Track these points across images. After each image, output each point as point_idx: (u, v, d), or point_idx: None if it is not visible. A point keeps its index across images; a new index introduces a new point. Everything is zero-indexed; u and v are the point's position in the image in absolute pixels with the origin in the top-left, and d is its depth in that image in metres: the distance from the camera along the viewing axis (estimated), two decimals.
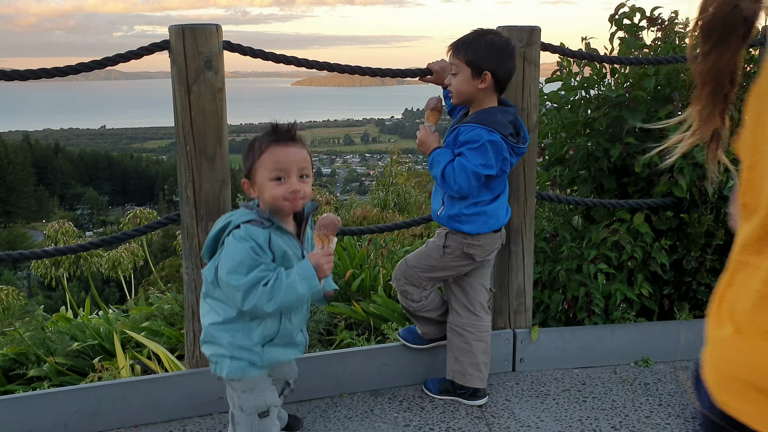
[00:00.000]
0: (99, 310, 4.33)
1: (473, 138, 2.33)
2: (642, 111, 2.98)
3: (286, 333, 1.94)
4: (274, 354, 1.96)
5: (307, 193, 1.86)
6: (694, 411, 2.55)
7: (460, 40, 2.37)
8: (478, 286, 2.57)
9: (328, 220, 1.83)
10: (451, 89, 2.40)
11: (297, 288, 1.77)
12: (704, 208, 2.99)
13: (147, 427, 2.44)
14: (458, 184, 2.32)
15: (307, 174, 1.87)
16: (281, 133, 1.87)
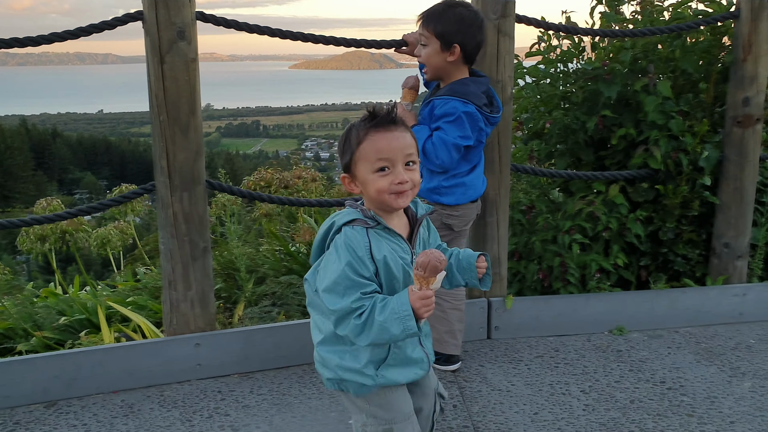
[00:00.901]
0: (87, 286, 4.37)
1: (449, 111, 2.34)
2: (618, 84, 3.00)
3: (399, 353, 1.70)
4: (390, 376, 1.69)
5: (416, 182, 1.64)
6: (663, 376, 2.60)
7: (429, 11, 2.37)
8: None
9: (427, 261, 1.49)
10: (421, 61, 2.41)
11: (390, 329, 1.54)
12: (679, 180, 3.02)
13: (125, 392, 2.49)
14: (440, 158, 2.34)
15: (413, 161, 1.64)
16: (381, 117, 1.63)
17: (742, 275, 3.12)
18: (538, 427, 2.26)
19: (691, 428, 2.25)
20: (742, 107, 2.97)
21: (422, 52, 2.39)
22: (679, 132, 2.93)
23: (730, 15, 2.96)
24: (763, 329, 3.02)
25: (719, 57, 3.08)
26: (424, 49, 2.38)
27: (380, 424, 1.73)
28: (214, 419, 2.31)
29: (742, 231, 3.07)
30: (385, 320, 1.53)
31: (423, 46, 2.39)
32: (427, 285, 1.50)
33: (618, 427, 2.25)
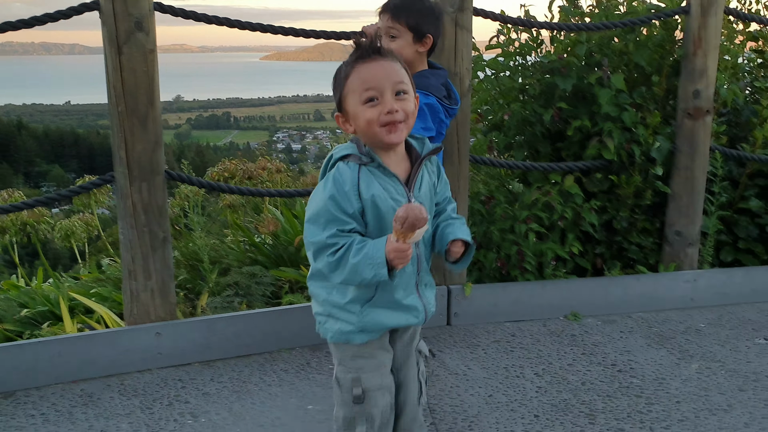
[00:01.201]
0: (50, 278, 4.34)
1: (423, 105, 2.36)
2: (573, 76, 3.08)
3: (386, 293, 1.67)
4: (376, 317, 1.68)
5: (408, 112, 1.59)
6: (615, 359, 2.68)
7: (396, 3, 2.36)
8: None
9: (405, 216, 1.47)
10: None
11: (362, 272, 1.55)
12: (632, 170, 3.11)
13: (85, 382, 2.50)
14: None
15: (404, 90, 1.59)
16: (365, 48, 1.60)
17: (693, 262, 3.22)
18: (492, 409, 2.32)
19: (639, 408, 2.34)
20: (692, 100, 3.06)
21: (392, 45, 2.36)
22: (631, 124, 3.02)
23: (681, 10, 3.05)
24: (713, 314, 3.13)
25: (671, 51, 3.17)
26: (394, 41, 2.36)
27: (348, 372, 1.74)
28: (174, 407, 2.34)
29: (693, 219, 3.17)
30: (358, 263, 1.54)
31: (392, 38, 2.36)
32: (403, 239, 1.49)
33: (569, 408, 2.33)
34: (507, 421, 2.26)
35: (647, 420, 2.26)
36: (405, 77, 1.61)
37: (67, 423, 2.24)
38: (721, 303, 3.20)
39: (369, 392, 1.73)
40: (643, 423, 2.25)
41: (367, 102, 1.57)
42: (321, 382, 2.50)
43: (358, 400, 1.72)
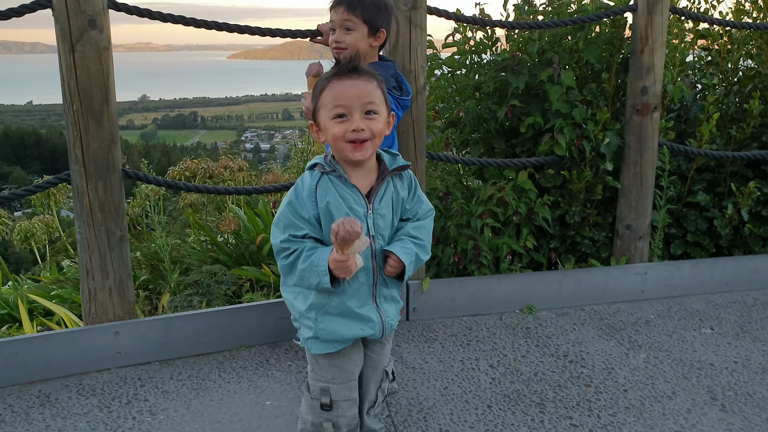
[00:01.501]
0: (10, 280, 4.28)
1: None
2: (525, 74, 3.15)
3: (339, 303, 1.71)
4: (330, 325, 1.72)
5: (375, 132, 1.65)
6: (566, 350, 2.76)
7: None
8: None
9: (336, 230, 1.52)
10: (345, 45, 2.39)
11: (308, 278, 1.63)
12: (583, 165, 3.19)
13: (42, 382, 2.49)
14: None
15: (374, 110, 1.65)
16: (341, 66, 1.67)
17: (643, 255, 3.32)
18: (447, 401, 2.38)
19: (588, 397, 2.41)
20: (640, 96, 3.16)
21: (346, 38, 2.39)
22: (582, 120, 3.10)
23: (629, 8, 3.14)
24: (662, 305, 3.23)
25: (620, 48, 3.26)
26: (349, 34, 2.38)
27: (319, 380, 1.81)
28: (132, 404, 2.35)
29: (643, 213, 3.27)
30: (305, 270, 1.62)
31: (348, 31, 2.38)
32: (340, 250, 1.55)
33: (521, 399, 2.40)
34: (461, 412, 2.32)
35: (595, 408, 2.34)
36: (377, 97, 1.67)
37: (24, 423, 2.24)
38: (670, 295, 3.31)
39: (336, 402, 1.80)
40: (591, 411, 2.32)
41: (335, 117, 1.65)
42: (279, 379, 2.53)
43: (326, 408, 1.80)
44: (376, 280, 1.74)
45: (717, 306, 3.21)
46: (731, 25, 3.45)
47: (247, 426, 2.22)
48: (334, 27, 2.40)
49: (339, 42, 2.38)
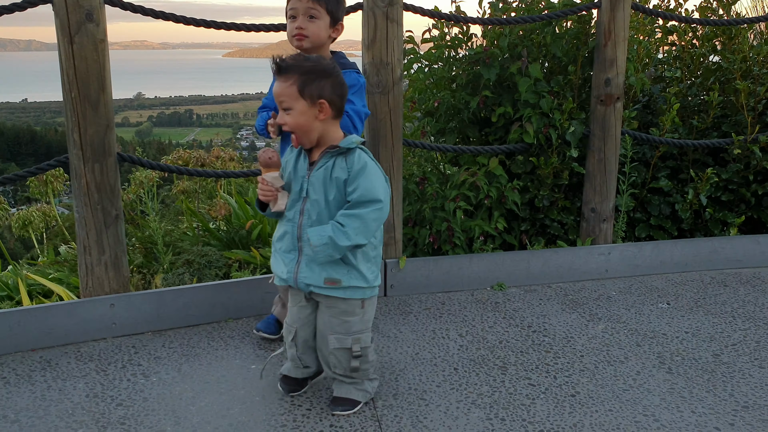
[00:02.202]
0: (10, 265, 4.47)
1: (352, 82, 2.43)
2: (496, 67, 3.36)
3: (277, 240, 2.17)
4: (273, 258, 2.21)
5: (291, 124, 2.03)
6: (531, 322, 2.98)
7: None
8: None
9: (259, 154, 2.09)
10: (308, 33, 2.46)
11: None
12: (550, 152, 3.41)
13: (43, 350, 2.69)
14: (358, 130, 2.46)
15: (284, 107, 2.03)
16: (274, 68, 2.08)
17: (607, 237, 3.54)
18: (417, 364, 2.59)
19: (547, 362, 2.63)
20: (604, 87, 3.37)
21: (310, 26, 2.43)
22: (548, 110, 3.31)
23: (593, 5, 3.36)
24: (624, 283, 3.45)
25: (585, 43, 3.48)
26: (313, 22, 2.43)
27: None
28: (127, 368, 2.55)
29: (606, 197, 3.49)
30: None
31: (312, 18, 2.43)
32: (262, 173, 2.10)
33: (485, 362, 2.61)
34: (429, 373, 2.53)
35: (552, 370, 2.56)
36: (288, 95, 2.02)
37: (27, 384, 2.44)
38: (632, 274, 3.53)
39: (286, 324, 2.27)
40: (549, 373, 2.54)
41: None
42: (264, 346, 2.73)
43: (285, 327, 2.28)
44: (301, 238, 2.10)
45: (675, 284, 3.43)
46: (690, 21, 3.67)
47: (232, 385, 2.42)
48: (294, 15, 2.44)
49: (302, 29, 2.43)
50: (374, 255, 2.16)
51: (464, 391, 2.40)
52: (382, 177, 2.07)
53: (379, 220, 2.05)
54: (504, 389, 2.42)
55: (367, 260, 2.14)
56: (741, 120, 3.71)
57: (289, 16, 2.49)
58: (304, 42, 2.47)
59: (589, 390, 2.42)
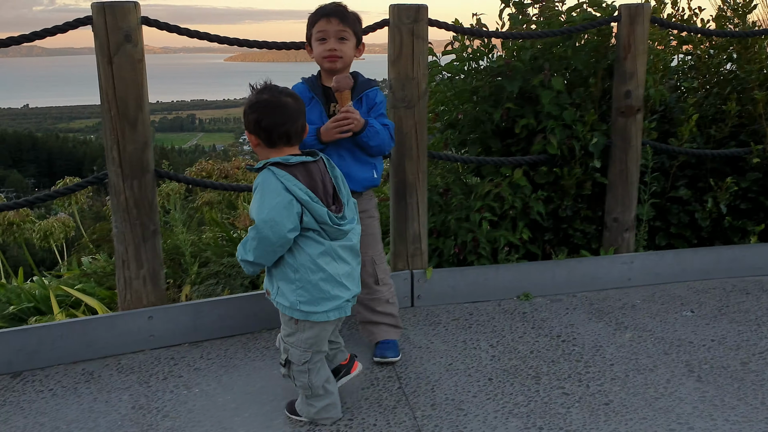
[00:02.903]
0: (32, 276, 4.54)
1: (381, 98, 2.66)
2: (519, 79, 3.42)
3: None
4: None
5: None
6: (559, 331, 3.03)
7: (342, 10, 2.56)
8: None
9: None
10: (341, 54, 2.54)
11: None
12: (573, 163, 3.47)
13: (84, 362, 2.76)
14: (394, 140, 2.67)
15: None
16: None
17: (629, 246, 3.60)
18: (451, 375, 2.65)
19: (579, 370, 2.69)
20: (624, 99, 3.43)
21: (342, 47, 2.54)
22: (571, 121, 3.37)
23: (612, 19, 3.42)
24: (647, 291, 3.50)
25: (605, 55, 3.54)
26: (344, 43, 2.54)
27: None
28: (168, 380, 2.61)
29: (628, 207, 3.55)
30: None
31: (342, 40, 2.54)
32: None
33: (518, 372, 2.67)
34: (465, 384, 2.59)
35: (584, 379, 2.61)
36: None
37: (73, 396, 2.50)
38: (654, 282, 3.58)
39: None
40: (581, 382, 2.60)
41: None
42: None
43: None
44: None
45: (698, 292, 3.49)
46: (708, 32, 3.73)
47: (273, 396, 2.48)
48: (324, 37, 2.54)
49: (334, 50, 2.53)
50: (296, 278, 2.13)
51: (500, 401, 2.46)
52: (273, 198, 2.03)
53: (259, 240, 2.05)
54: (539, 398, 2.47)
55: (287, 281, 2.15)
56: (759, 129, 3.77)
57: (317, 39, 2.57)
58: (337, 63, 2.57)
59: (622, 398, 2.47)
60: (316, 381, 2.24)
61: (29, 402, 2.47)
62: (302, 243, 2.11)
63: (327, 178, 2.19)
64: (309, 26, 2.61)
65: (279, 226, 2.03)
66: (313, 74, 2.68)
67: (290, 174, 2.07)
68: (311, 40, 2.60)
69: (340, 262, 2.17)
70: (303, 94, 2.58)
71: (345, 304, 2.20)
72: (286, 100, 2.15)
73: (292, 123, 2.14)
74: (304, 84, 2.64)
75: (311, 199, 2.06)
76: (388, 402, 2.46)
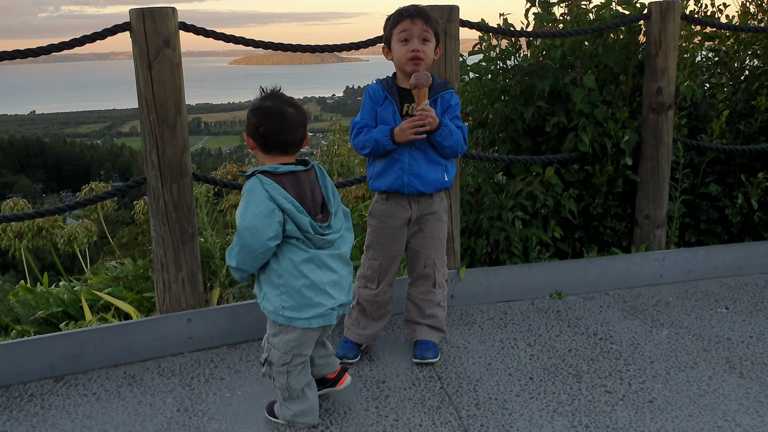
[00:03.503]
0: (57, 282, 4.56)
1: (458, 102, 2.66)
2: (550, 78, 3.42)
3: None
4: None
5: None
6: (596, 329, 3.03)
7: (425, 11, 2.55)
8: None
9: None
10: (424, 56, 2.52)
11: None
12: (605, 161, 3.46)
13: (125, 365, 2.77)
14: (467, 144, 2.67)
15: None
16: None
17: (661, 243, 3.59)
18: (492, 374, 2.65)
19: (619, 368, 2.68)
20: (655, 96, 3.43)
21: (425, 49, 2.52)
22: (603, 119, 3.37)
23: (643, 16, 3.41)
24: (680, 288, 3.49)
25: (636, 53, 3.53)
26: (427, 45, 2.52)
27: None
28: (210, 383, 2.62)
29: (660, 204, 3.54)
30: None
31: (425, 41, 2.52)
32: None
33: (558, 371, 2.67)
34: (506, 383, 2.59)
35: (626, 377, 2.61)
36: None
37: (118, 400, 2.51)
38: (686, 279, 3.57)
39: None
40: (623, 379, 2.59)
41: None
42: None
43: None
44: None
45: (730, 288, 3.48)
46: (738, 29, 3.71)
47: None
48: (407, 38, 2.51)
49: (418, 51, 2.50)
50: (280, 283, 2.16)
51: (544, 399, 2.46)
52: (257, 206, 2.06)
53: (241, 246, 2.09)
54: (582, 397, 2.47)
55: (272, 286, 2.18)
56: None
57: (400, 40, 2.53)
58: (420, 65, 2.53)
59: (666, 396, 2.47)
60: (294, 384, 2.26)
61: (75, 406, 2.48)
62: (286, 250, 2.14)
63: (317, 188, 2.21)
64: (390, 27, 2.57)
65: (260, 233, 2.05)
66: (389, 75, 2.68)
67: (278, 183, 2.10)
68: (391, 41, 2.57)
69: (326, 270, 2.17)
70: (377, 94, 2.59)
71: (329, 312, 2.19)
72: (288, 110, 2.16)
73: (291, 133, 2.15)
74: (378, 84, 2.64)
75: (295, 209, 2.09)
76: (432, 402, 2.46)
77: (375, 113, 2.60)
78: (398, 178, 2.60)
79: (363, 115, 2.62)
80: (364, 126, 2.60)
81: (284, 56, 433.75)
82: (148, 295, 3.54)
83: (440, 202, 2.72)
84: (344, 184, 3.50)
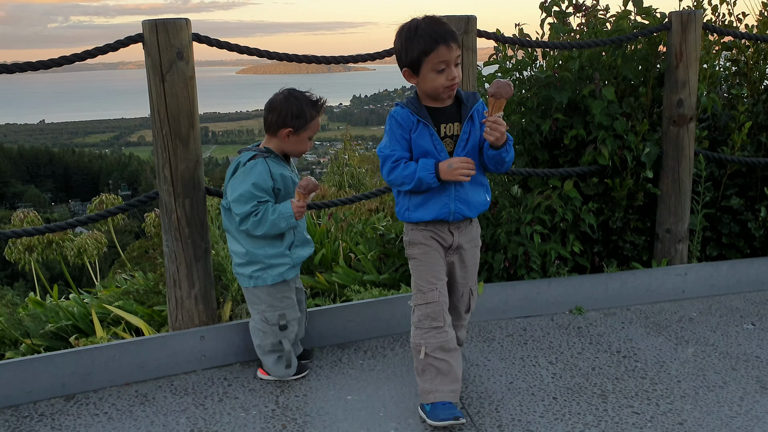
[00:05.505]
0: (67, 294, 4.51)
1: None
2: (568, 90, 3.35)
3: (299, 235, 2.65)
4: (299, 252, 2.64)
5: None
6: (619, 347, 2.95)
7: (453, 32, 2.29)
8: None
9: (305, 183, 2.50)
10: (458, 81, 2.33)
11: (278, 224, 2.50)
12: (625, 174, 3.39)
13: (137, 384, 2.71)
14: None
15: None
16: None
17: (683, 257, 3.51)
18: (514, 394, 2.57)
19: (645, 388, 2.60)
20: (676, 108, 3.36)
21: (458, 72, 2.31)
22: (622, 131, 3.30)
23: (663, 27, 3.35)
24: (703, 304, 3.41)
25: (655, 64, 3.47)
26: (458, 68, 2.31)
27: (276, 311, 2.62)
28: (224, 402, 2.56)
29: (681, 218, 3.46)
30: (276, 219, 2.48)
31: (457, 66, 2.30)
32: (303, 199, 2.50)
33: (583, 391, 2.59)
34: (529, 403, 2.51)
35: (653, 397, 2.53)
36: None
37: (129, 420, 2.45)
38: (709, 294, 3.49)
39: (290, 322, 2.66)
40: (650, 400, 2.51)
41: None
42: (354, 376, 2.73)
43: (283, 329, 2.64)
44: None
45: (756, 303, 3.39)
46: (759, 38, 3.64)
47: (334, 418, 2.42)
48: (446, 66, 2.25)
49: (454, 79, 2.28)
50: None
51: (569, 421, 2.38)
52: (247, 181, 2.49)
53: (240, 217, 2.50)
54: (609, 418, 2.39)
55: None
56: None
57: (437, 69, 2.25)
58: (455, 91, 2.35)
59: (696, 417, 2.39)
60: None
61: (86, 426, 2.42)
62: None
63: None
64: (419, 52, 2.23)
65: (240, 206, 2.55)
66: (410, 95, 2.41)
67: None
68: (420, 67, 2.26)
69: None
70: (407, 120, 2.32)
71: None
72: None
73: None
74: (404, 108, 2.34)
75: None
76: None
77: (406, 141, 2.33)
78: (445, 206, 2.36)
79: (393, 145, 2.33)
80: (399, 159, 2.32)
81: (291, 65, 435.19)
82: (159, 309, 3.48)
83: (477, 225, 2.55)
84: (359, 198, 3.44)
